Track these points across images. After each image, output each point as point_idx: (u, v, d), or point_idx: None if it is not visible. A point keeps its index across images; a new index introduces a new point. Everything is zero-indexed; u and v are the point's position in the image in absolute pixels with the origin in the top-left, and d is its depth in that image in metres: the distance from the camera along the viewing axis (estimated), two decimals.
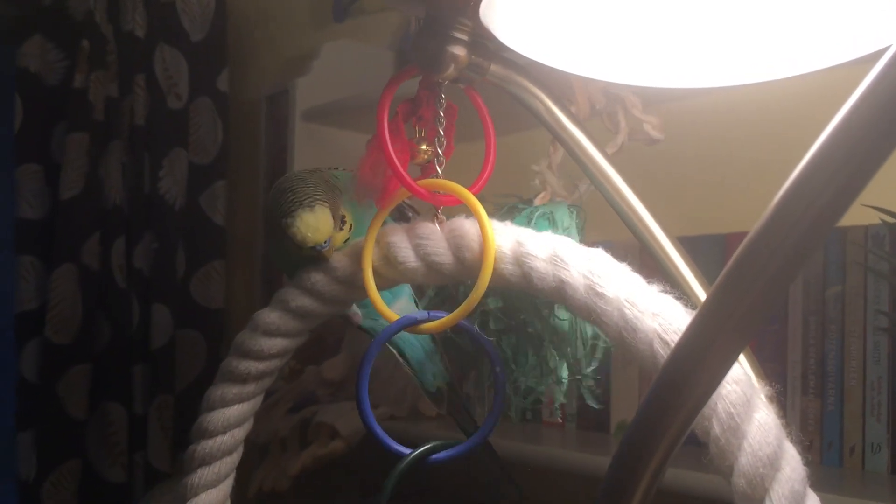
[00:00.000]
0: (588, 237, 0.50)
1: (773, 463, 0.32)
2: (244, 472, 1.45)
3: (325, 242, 0.47)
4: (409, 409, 1.15)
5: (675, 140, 0.52)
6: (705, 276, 0.47)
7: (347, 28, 1.62)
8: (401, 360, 0.57)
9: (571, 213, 0.47)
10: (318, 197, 0.46)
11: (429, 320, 0.43)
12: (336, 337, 1.28)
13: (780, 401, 0.91)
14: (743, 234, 0.89)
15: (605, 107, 0.47)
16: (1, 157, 1.78)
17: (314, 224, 0.46)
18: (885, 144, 0.25)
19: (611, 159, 0.45)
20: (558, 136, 0.44)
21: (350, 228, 0.48)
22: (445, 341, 0.48)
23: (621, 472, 0.31)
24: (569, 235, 0.46)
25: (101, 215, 1.70)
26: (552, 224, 0.45)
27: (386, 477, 0.54)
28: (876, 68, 0.24)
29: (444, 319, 0.43)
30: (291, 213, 0.45)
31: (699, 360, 0.29)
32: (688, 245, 0.80)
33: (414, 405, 1.15)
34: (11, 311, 1.69)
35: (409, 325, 0.44)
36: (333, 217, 0.47)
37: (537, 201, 0.47)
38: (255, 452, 1.29)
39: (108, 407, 1.69)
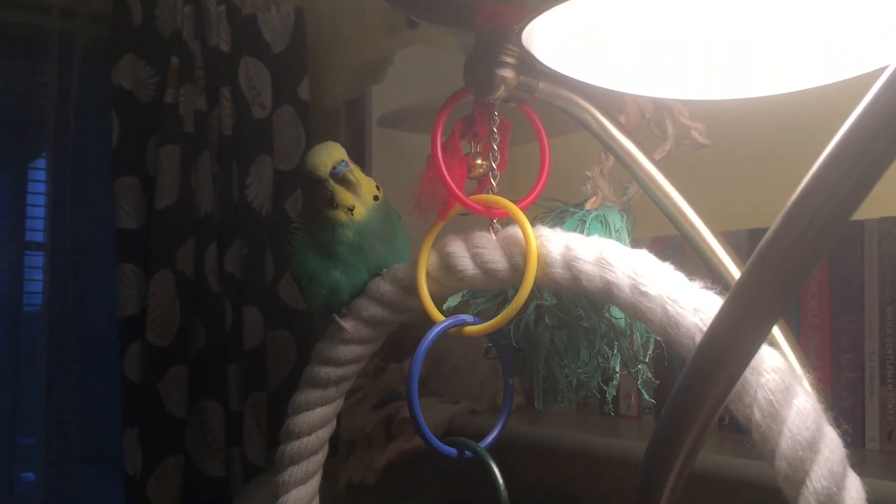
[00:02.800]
0: (638, 233, 0.52)
1: (813, 446, 0.34)
2: (333, 465, 1.51)
3: (342, 163, 0.52)
4: (488, 403, 1.18)
5: (724, 138, 0.54)
6: None
7: (420, 34, 1.66)
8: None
9: (622, 215, 0.50)
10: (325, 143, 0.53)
11: (475, 323, 0.47)
12: (417, 336, 1.32)
13: (858, 390, 0.91)
14: None
15: (653, 114, 0.49)
16: (101, 170, 1.88)
17: (327, 150, 0.53)
18: (888, 150, 0.27)
19: (658, 164, 0.47)
20: (607, 145, 0.47)
21: (377, 198, 0.53)
22: (496, 341, 0.51)
23: (659, 451, 0.34)
24: (620, 237, 0.49)
25: (193, 223, 1.78)
26: (605, 226, 0.48)
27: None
28: (877, 84, 0.27)
29: (489, 323, 0.46)
30: (307, 156, 0.52)
31: (729, 341, 0.31)
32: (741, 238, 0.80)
33: (493, 400, 1.18)
34: (115, 316, 1.79)
35: (459, 326, 0.47)
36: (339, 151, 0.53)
37: (589, 205, 0.50)
38: (343, 447, 1.35)
39: (205, 405, 1.78)
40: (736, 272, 0.48)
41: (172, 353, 1.76)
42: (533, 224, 0.47)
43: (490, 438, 0.54)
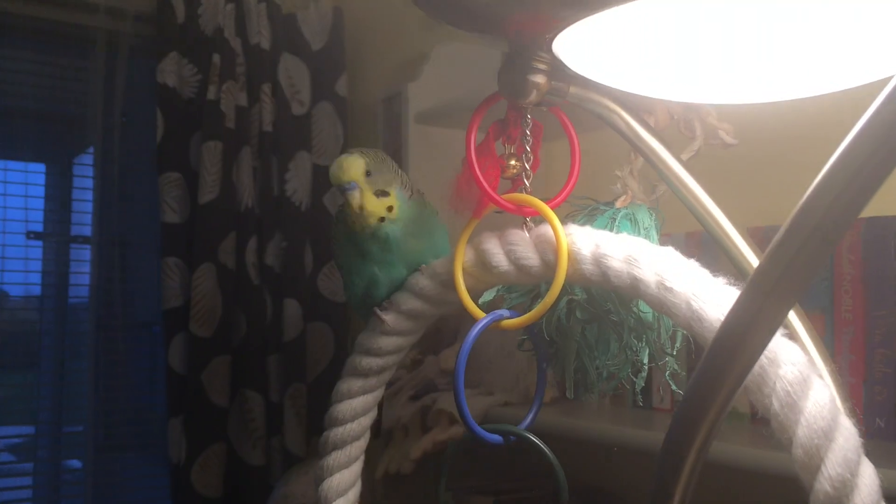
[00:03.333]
0: (672, 229, 0.54)
1: (828, 435, 0.36)
2: (371, 455, 1.54)
3: (350, 184, 0.55)
4: (522, 395, 1.20)
5: (752, 137, 0.55)
6: None
7: (456, 31, 1.68)
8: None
9: (651, 214, 0.52)
10: (368, 154, 0.55)
11: (511, 318, 0.49)
12: (453, 328, 1.35)
13: (891, 385, 0.92)
14: None
15: (681, 116, 0.51)
16: (146, 166, 1.93)
17: (345, 164, 0.55)
18: (892, 154, 0.29)
19: (686, 163, 0.49)
20: (636, 146, 0.48)
21: (391, 209, 0.56)
22: (531, 334, 0.54)
23: (677, 436, 0.36)
24: (648, 234, 0.51)
25: (235, 217, 1.82)
26: (634, 224, 0.50)
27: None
28: (882, 93, 0.29)
29: (524, 317, 0.49)
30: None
31: (744, 332, 0.34)
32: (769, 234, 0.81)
33: (527, 392, 1.20)
34: (159, 308, 1.83)
35: (496, 321, 0.49)
36: (371, 177, 0.55)
37: (619, 204, 0.52)
38: (380, 437, 1.38)
39: (246, 395, 1.82)
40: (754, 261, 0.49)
41: (215, 344, 1.80)
42: (565, 222, 0.49)
43: (526, 421, 0.56)
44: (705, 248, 1.07)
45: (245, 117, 1.86)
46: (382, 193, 0.56)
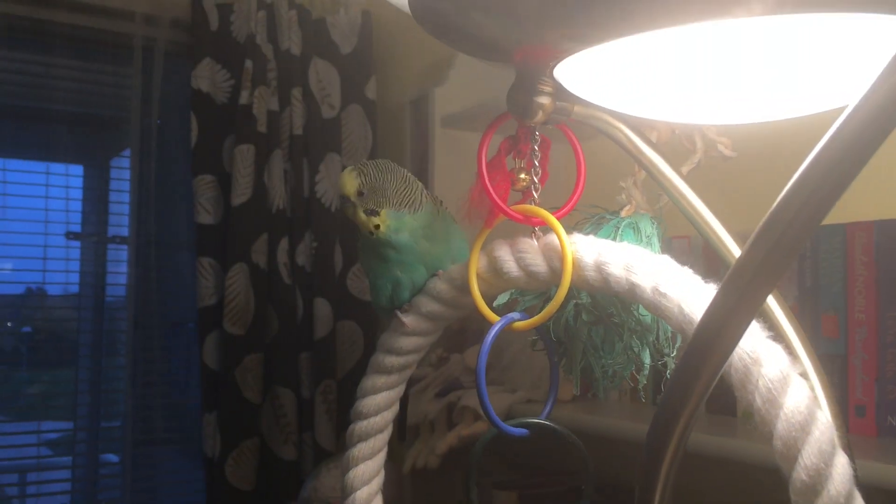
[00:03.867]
0: (684, 232, 0.58)
1: (805, 428, 0.39)
2: (398, 451, 1.59)
3: (344, 199, 0.62)
4: (544, 392, 1.24)
5: (748, 150, 0.59)
6: None
7: None
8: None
9: (653, 223, 0.55)
10: (367, 174, 0.61)
11: (522, 320, 0.53)
12: (478, 327, 1.39)
13: None
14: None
15: (682, 130, 0.54)
16: (181, 168, 1.99)
17: (342, 181, 0.62)
18: (848, 173, 0.32)
19: (684, 175, 0.52)
20: (638, 160, 0.52)
21: (379, 228, 0.61)
22: (541, 334, 0.58)
23: (662, 423, 0.39)
24: (650, 242, 0.54)
25: (267, 218, 1.87)
26: (637, 233, 0.54)
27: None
28: (839, 120, 0.32)
29: (533, 319, 0.52)
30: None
31: (719, 328, 0.37)
32: None
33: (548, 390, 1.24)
34: (194, 306, 1.89)
35: (509, 323, 0.53)
36: (362, 194, 0.61)
37: (623, 213, 0.55)
38: (408, 433, 1.42)
39: (278, 391, 1.87)
40: None
41: (248, 341, 1.85)
42: (572, 230, 0.53)
43: (544, 413, 0.60)
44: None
45: (276, 121, 1.91)
46: (372, 212, 0.61)
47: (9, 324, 2.22)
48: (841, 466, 0.39)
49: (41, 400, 2.21)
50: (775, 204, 0.34)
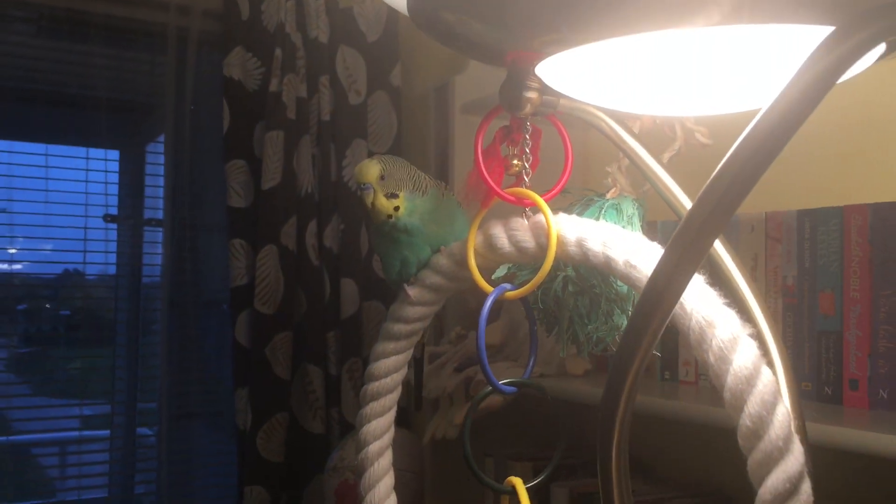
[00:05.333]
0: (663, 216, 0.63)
1: (750, 381, 0.45)
2: (419, 423, 1.65)
3: (365, 185, 0.67)
4: (556, 368, 1.30)
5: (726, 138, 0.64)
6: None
7: None
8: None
9: (635, 204, 0.61)
10: (385, 161, 0.67)
11: (514, 289, 0.59)
12: (496, 306, 1.45)
13: (894, 359, 0.98)
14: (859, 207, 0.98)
15: (664, 120, 0.60)
16: (213, 154, 2.06)
17: (364, 169, 0.67)
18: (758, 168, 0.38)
19: (667, 162, 0.58)
20: (620, 148, 0.58)
21: (398, 209, 0.67)
22: (525, 303, 0.64)
23: (616, 377, 0.45)
24: (632, 222, 0.60)
25: (296, 202, 1.94)
26: (619, 213, 0.59)
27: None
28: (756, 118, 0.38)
29: (522, 289, 0.58)
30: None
31: (663, 287, 0.43)
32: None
33: (561, 365, 1.30)
34: (226, 287, 1.97)
35: (502, 293, 0.59)
36: (384, 181, 0.67)
37: (608, 195, 0.61)
38: (428, 406, 1.49)
39: (307, 368, 1.95)
40: (721, 250, 0.58)
41: (278, 320, 1.92)
42: (558, 211, 0.59)
43: (526, 373, 0.66)
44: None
45: (305, 107, 1.97)
46: (392, 195, 0.67)
47: (47, 305, 2.31)
48: (781, 415, 0.44)
49: (81, 375, 2.29)
50: (711, 178, 0.40)
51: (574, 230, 0.55)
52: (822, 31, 0.43)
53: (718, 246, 0.57)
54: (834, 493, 1.17)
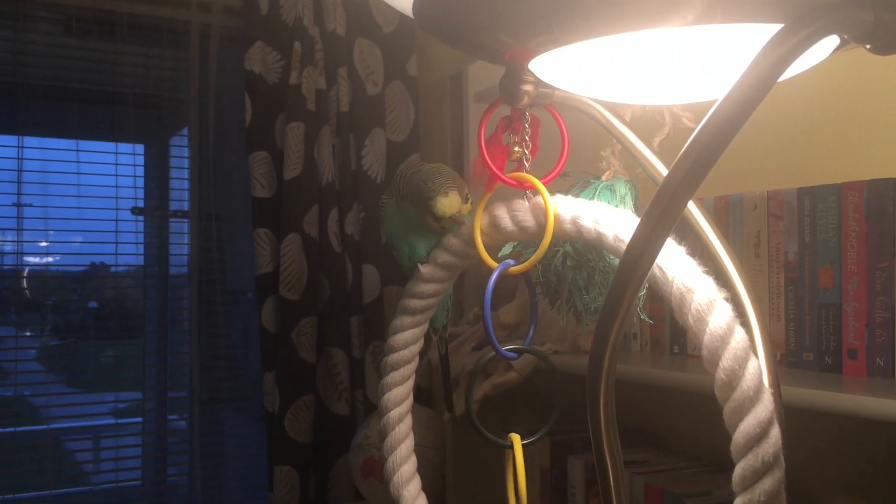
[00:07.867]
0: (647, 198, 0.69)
1: (724, 339, 0.50)
2: (438, 400, 1.71)
3: (458, 213, 0.70)
4: (570, 345, 1.35)
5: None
6: None
7: None
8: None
9: (627, 185, 0.66)
10: (449, 185, 0.69)
11: (516, 265, 0.65)
12: (511, 287, 1.50)
13: (890, 328, 1.03)
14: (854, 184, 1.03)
15: (653, 107, 0.65)
16: (236, 146, 2.12)
17: (448, 203, 0.69)
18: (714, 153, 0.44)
19: (658, 146, 0.63)
20: (612, 134, 0.63)
21: (471, 202, 0.71)
22: (526, 277, 0.70)
23: (600, 337, 0.51)
24: (623, 201, 0.66)
25: (317, 191, 2.00)
26: (612, 193, 0.65)
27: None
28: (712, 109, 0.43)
29: (524, 264, 0.64)
30: (433, 198, 0.68)
31: (639, 252, 0.48)
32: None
33: (575, 342, 1.35)
34: (252, 274, 2.03)
35: (506, 268, 0.65)
36: (460, 195, 0.69)
37: (604, 177, 0.66)
38: (448, 383, 1.55)
39: (331, 352, 2.01)
40: (707, 228, 0.64)
41: (302, 306, 1.98)
42: (563, 192, 0.64)
43: (527, 340, 0.72)
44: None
45: (324, 99, 2.03)
46: (467, 199, 0.71)
47: (76, 297, 2.37)
48: (752, 368, 0.50)
49: (111, 370, 2.36)
50: (671, 166, 0.46)
51: (569, 209, 0.60)
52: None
53: (699, 217, 0.62)
54: (836, 454, 1.22)
